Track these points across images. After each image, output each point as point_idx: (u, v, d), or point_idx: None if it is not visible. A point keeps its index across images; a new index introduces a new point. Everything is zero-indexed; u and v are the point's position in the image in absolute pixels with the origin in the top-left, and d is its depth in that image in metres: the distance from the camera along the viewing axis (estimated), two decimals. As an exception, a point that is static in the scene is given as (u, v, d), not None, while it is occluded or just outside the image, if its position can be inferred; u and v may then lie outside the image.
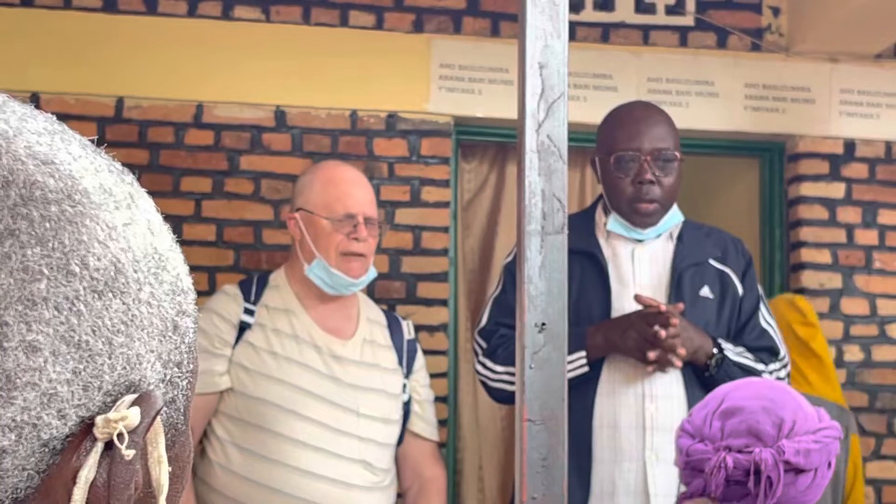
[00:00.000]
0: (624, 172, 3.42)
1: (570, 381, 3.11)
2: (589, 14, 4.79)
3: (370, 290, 4.52)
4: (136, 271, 0.70)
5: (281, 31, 4.60)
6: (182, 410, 0.75)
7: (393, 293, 4.59)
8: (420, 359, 3.64)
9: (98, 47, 4.47)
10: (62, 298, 0.66)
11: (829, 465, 2.36)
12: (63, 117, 3.75)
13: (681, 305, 3.34)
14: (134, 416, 0.67)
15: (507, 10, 4.71)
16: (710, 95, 4.82)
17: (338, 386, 3.39)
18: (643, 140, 3.41)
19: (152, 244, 0.72)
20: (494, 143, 4.94)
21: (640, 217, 3.42)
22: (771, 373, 3.47)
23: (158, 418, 0.70)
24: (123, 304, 0.69)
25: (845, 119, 4.87)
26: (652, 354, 3.26)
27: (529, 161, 1.99)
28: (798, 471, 2.31)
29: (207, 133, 4.55)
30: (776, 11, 4.90)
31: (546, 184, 1.99)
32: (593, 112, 3.91)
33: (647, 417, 3.34)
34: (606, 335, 3.33)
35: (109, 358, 0.68)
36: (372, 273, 3.47)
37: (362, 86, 4.61)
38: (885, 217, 4.87)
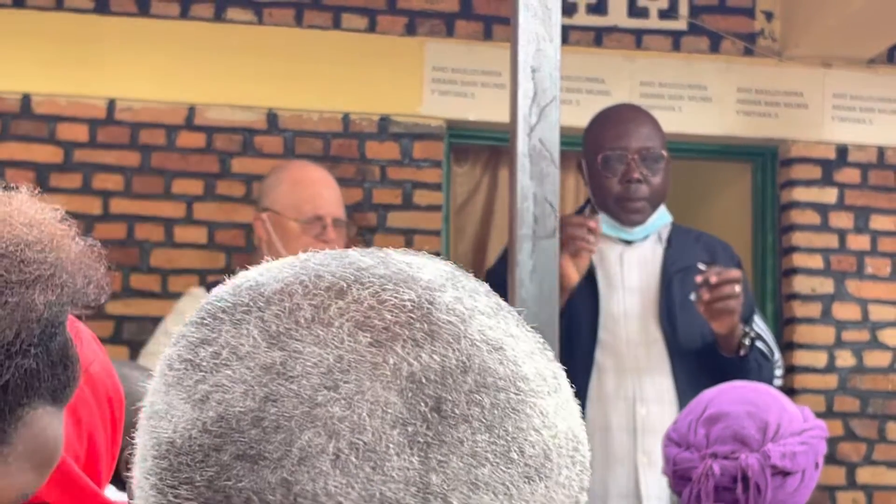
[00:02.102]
0: (611, 172, 3.43)
1: None
2: (582, 18, 4.79)
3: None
4: (559, 456, 0.73)
5: (273, 33, 4.59)
6: None
7: (384, 296, 4.58)
8: None
9: (90, 49, 4.46)
10: (499, 483, 0.69)
11: (817, 465, 2.35)
12: (54, 119, 3.71)
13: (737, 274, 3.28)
14: None
15: (499, 13, 4.70)
16: (702, 100, 4.82)
17: None
18: (630, 139, 3.43)
19: (571, 427, 0.75)
20: (487, 146, 4.93)
21: (627, 215, 3.43)
22: (773, 364, 3.47)
23: None
24: (546, 488, 0.71)
25: (838, 124, 4.86)
26: (567, 233, 3.20)
27: (521, 165, 1.99)
28: (785, 474, 2.30)
29: (199, 135, 4.53)
30: (769, 16, 4.90)
31: (538, 188, 1.99)
32: (586, 116, 3.90)
33: (638, 421, 3.34)
34: None
35: None
36: None
37: (355, 89, 4.60)
38: (878, 222, 4.86)
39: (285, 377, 0.67)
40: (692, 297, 3.33)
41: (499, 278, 2.88)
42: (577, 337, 3.34)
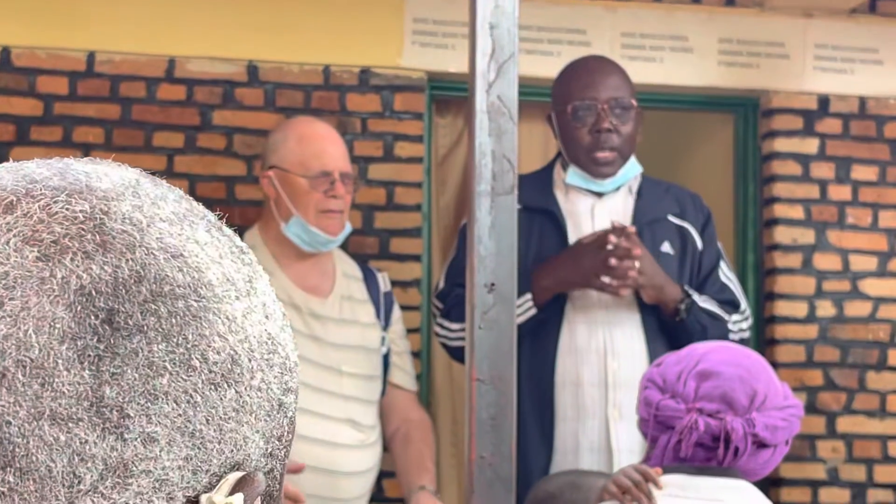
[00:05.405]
0: (581, 122, 3.44)
1: (524, 328, 3.13)
2: (563, -32, 4.77)
3: (344, 246, 4.52)
4: (250, 360, 0.72)
5: (253, -15, 4.58)
6: (278, 478, 0.78)
7: (366, 249, 4.60)
8: (397, 311, 3.67)
9: (69, 1, 4.44)
10: (181, 392, 0.68)
11: (787, 442, 2.41)
12: (34, 72, 3.67)
13: (632, 228, 3.36)
14: (237, 501, 0.70)
15: (480, -36, 4.68)
16: (684, 51, 4.81)
17: (319, 346, 3.40)
18: (599, 89, 3.44)
19: (266, 330, 0.74)
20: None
21: (598, 167, 3.44)
22: (735, 322, 3.49)
23: (259, 498, 0.73)
24: (236, 392, 0.71)
25: (819, 74, 4.86)
26: (606, 279, 3.27)
27: (480, 122, 2.00)
28: (762, 444, 2.35)
29: (179, 88, 4.53)
30: (752, -34, 4.88)
31: (496, 144, 2.00)
32: (565, 68, 3.90)
33: (609, 374, 3.37)
34: (555, 274, 3.32)
35: (219, 444, 0.70)
36: (347, 228, 3.48)
37: (335, 40, 4.59)
38: (858, 172, 4.87)
39: None
40: (663, 248, 3.37)
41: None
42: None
